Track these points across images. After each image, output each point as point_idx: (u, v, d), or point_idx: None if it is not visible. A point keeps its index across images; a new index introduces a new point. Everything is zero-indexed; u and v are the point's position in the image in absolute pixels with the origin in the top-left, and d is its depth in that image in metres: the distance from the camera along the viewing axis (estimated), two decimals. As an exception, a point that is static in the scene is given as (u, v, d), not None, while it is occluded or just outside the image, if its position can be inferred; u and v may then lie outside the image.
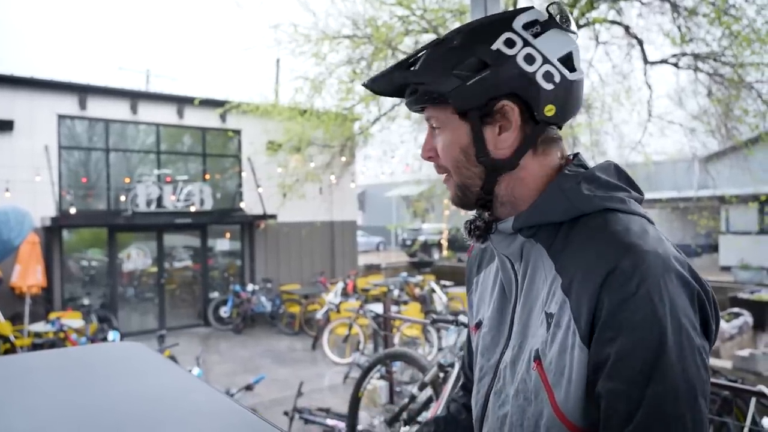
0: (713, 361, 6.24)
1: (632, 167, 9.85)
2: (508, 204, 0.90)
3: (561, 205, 0.85)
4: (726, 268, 16.03)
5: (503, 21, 0.86)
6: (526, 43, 0.84)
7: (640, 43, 8.68)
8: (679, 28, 8.06)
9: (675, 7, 7.99)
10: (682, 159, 13.89)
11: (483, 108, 0.86)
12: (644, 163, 9.92)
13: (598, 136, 10.04)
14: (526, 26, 0.85)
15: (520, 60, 0.84)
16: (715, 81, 8.49)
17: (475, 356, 1.01)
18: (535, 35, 0.85)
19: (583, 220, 0.83)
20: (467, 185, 0.91)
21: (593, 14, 8.49)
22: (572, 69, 0.86)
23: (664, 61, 8.74)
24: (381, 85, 0.94)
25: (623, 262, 0.74)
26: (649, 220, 0.85)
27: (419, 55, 0.89)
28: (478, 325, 1.03)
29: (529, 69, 0.84)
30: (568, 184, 0.85)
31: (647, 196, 0.95)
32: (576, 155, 0.93)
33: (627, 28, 8.63)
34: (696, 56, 8.31)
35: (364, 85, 0.96)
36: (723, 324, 7.71)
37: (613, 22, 8.69)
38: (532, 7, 0.88)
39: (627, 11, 8.81)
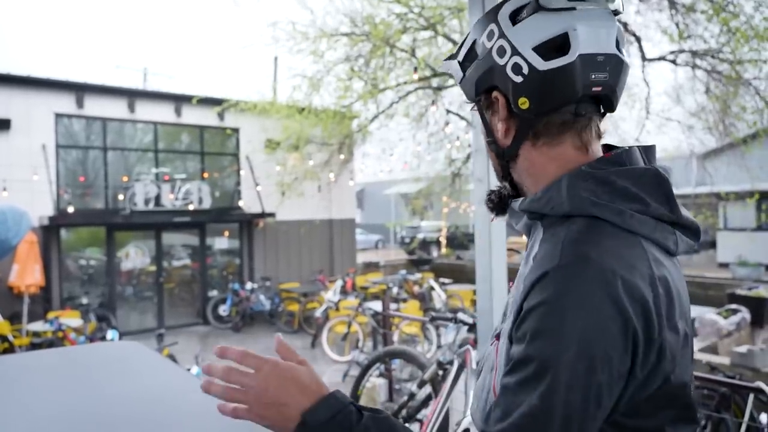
0: (711, 357, 6.25)
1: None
2: (523, 190, 0.92)
3: (555, 200, 0.83)
4: (724, 265, 16.07)
5: (493, 11, 0.85)
6: (501, 35, 0.82)
7: (638, 40, 8.68)
8: (677, 24, 8.05)
9: (673, 4, 7.98)
10: (680, 156, 13.89)
11: (484, 98, 0.89)
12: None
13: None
14: (513, 14, 0.82)
15: (494, 53, 0.83)
16: (713, 78, 8.49)
17: None
18: (515, 23, 0.82)
19: (572, 220, 0.80)
20: (494, 168, 0.96)
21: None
22: (554, 55, 0.79)
23: (662, 58, 8.74)
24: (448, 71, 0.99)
25: (557, 269, 0.72)
26: (656, 243, 0.79)
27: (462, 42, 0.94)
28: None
29: (500, 62, 0.82)
30: (571, 182, 0.81)
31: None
32: (620, 153, 0.86)
33: (625, 25, 8.62)
34: (694, 53, 8.30)
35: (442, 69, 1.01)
36: (720, 320, 7.73)
37: (611, 19, 8.68)
38: None
39: (625, 8, 8.81)
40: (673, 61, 8.62)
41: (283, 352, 0.86)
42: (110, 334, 7.66)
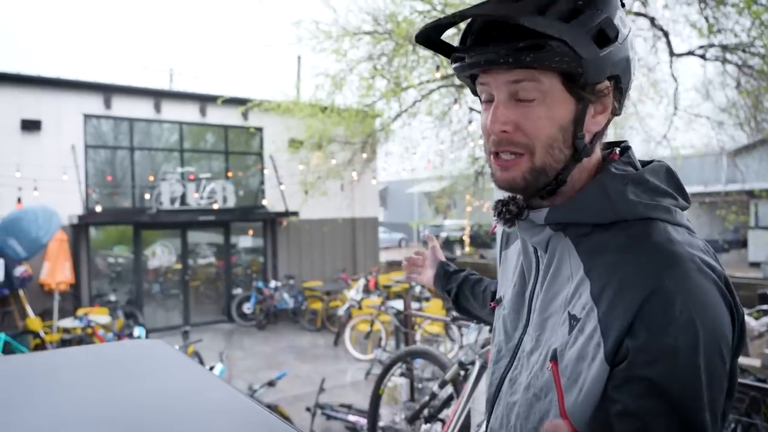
0: (741, 359, 6.10)
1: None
2: (558, 195, 0.85)
3: (601, 207, 0.78)
4: (755, 264, 15.69)
5: None
6: (625, 26, 0.80)
7: (666, 35, 8.50)
8: (706, 18, 7.87)
9: (702, -3, 7.81)
10: (710, 153, 13.59)
11: (598, 85, 0.78)
12: (672, 157, 9.73)
13: (622, 131, 9.88)
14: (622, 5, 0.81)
15: (629, 43, 0.80)
16: (744, 72, 8.28)
17: (494, 333, 0.99)
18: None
19: (621, 225, 0.77)
20: (546, 169, 0.80)
21: (618, 6, 8.33)
22: None
23: (690, 53, 8.55)
24: (482, 16, 0.77)
25: (666, 282, 0.69)
26: (690, 231, 0.80)
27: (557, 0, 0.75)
28: (498, 301, 1.01)
29: (632, 55, 0.81)
30: (614, 185, 0.79)
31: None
32: (625, 150, 0.87)
33: (652, 20, 8.46)
34: (724, 47, 8.10)
35: (458, 14, 0.76)
36: (752, 321, 7.54)
37: (638, 14, 8.53)
38: None
39: (652, 2, 8.63)
40: (702, 56, 8.42)
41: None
42: (137, 331, 7.79)
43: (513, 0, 0.74)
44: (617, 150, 0.88)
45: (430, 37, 0.84)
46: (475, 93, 0.87)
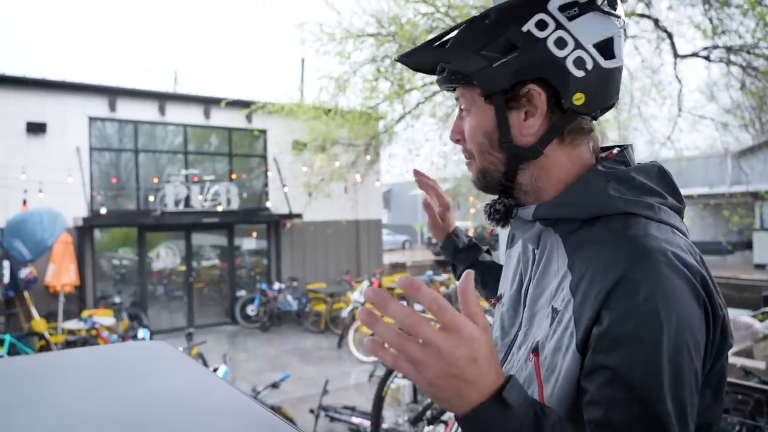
0: (745, 362, 6.08)
1: (663, 163, 9.61)
2: (531, 193, 0.88)
3: (582, 202, 0.81)
4: (760, 266, 15.62)
5: (538, 1, 0.81)
6: (559, 26, 0.80)
7: (670, 36, 8.49)
8: (710, 20, 7.86)
9: (706, -1, 7.79)
10: (714, 154, 13.55)
11: (509, 91, 0.83)
12: (676, 158, 9.71)
13: (626, 132, 9.86)
14: (563, 8, 0.81)
15: (550, 43, 0.80)
16: (749, 74, 8.25)
17: (494, 330, 0.99)
18: (571, 18, 0.80)
19: (604, 220, 0.80)
20: (489, 170, 0.88)
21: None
22: (610, 56, 0.82)
23: (695, 55, 8.53)
24: (415, 61, 0.91)
25: (634, 270, 0.70)
26: (681, 232, 0.81)
27: (453, 32, 0.86)
28: (499, 299, 1.03)
29: (560, 54, 0.80)
30: (596, 182, 0.82)
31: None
32: (622, 150, 0.89)
33: (656, 22, 8.44)
34: (728, 49, 8.08)
35: (398, 59, 0.92)
36: (756, 323, 7.51)
37: (642, 16, 8.52)
38: None
39: (656, 4, 8.61)
40: (707, 58, 8.40)
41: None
42: (141, 332, 7.82)
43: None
44: (615, 150, 0.90)
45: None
46: None
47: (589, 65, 0.80)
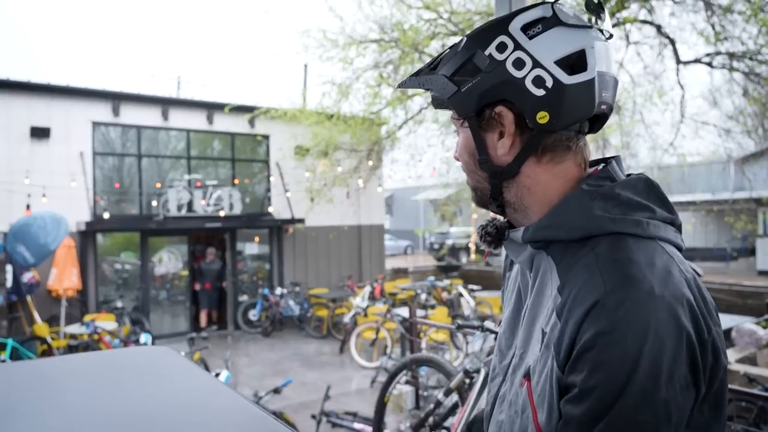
0: (749, 369, 6.05)
1: (665, 169, 9.62)
2: (520, 212, 0.88)
3: (568, 223, 0.81)
4: (764, 272, 15.57)
5: (501, 23, 0.83)
6: (517, 47, 0.80)
7: (673, 42, 8.50)
8: (713, 26, 7.87)
9: (709, 5, 7.80)
10: (717, 160, 13.53)
11: (480, 114, 0.85)
12: (679, 164, 9.70)
13: (629, 138, 9.86)
14: (526, 27, 0.81)
15: (509, 65, 0.81)
16: (751, 80, 8.26)
17: (494, 354, 1.00)
18: (532, 36, 0.81)
19: (592, 242, 0.79)
20: (477, 188, 0.92)
21: (624, 14, 8.34)
22: (577, 70, 0.80)
23: (697, 61, 8.54)
24: (410, 87, 0.95)
25: (610, 296, 0.70)
26: (672, 243, 0.80)
27: (439, 58, 0.89)
28: (500, 323, 1.04)
29: (518, 74, 0.80)
30: (580, 202, 0.81)
31: (681, 198, 0.90)
32: (606, 165, 0.88)
33: (659, 28, 8.46)
34: (731, 55, 8.09)
35: (398, 87, 0.97)
36: (760, 330, 7.48)
37: (645, 22, 8.53)
38: (541, 3, 0.83)
39: (659, 10, 8.63)
40: (709, 64, 8.41)
41: None
42: (143, 337, 7.81)
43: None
44: (599, 166, 0.89)
45: None
46: None
47: (549, 83, 0.79)
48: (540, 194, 0.86)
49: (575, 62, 0.80)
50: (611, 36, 0.85)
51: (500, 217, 0.94)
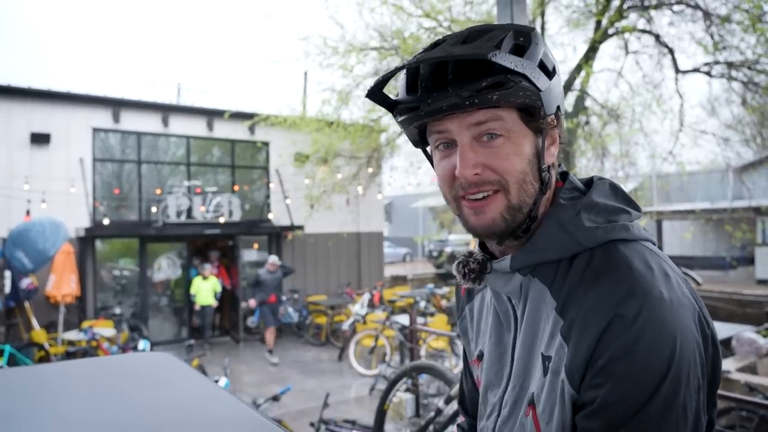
0: (749, 378, 6.04)
1: (664, 178, 9.62)
2: (526, 234, 0.83)
3: (561, 241, 0.78)
4: (763, 281, 15.56)
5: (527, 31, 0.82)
6: (554, 59, 0.82)
7: (671, 51, 8.54)
8: (711, 36, 7.91)
9: (707, 15, 7.85)
10: (716, 169, 13.55)
11: (549, 117, 0.79)
12: (678, 173, 9.71)
13: (628, 147, 9.88)
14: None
15: (558, 75, 0.81)
16: (750, 89, 8.29)
17: (481, 390, 0.96)
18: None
19: (584, 255, 0.77)
20: (522, 205, 0.78)
21: (623, 23, 8.39)
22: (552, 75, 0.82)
23: (696, 70, 8.58)
24: (454, 57, 0.72)
25: (624, 309, 0.69)
26: (651, 242, 0.80)
27: (503, 38, 0.74)
28: (480, 356, 0.97)
29: (560, 84, 0.82)
30: (567, 216, 0.79)
31: (680, 207, 0.90)
32: (566, 177, 0.86)
33: (657, 37, 8.50)
34: (729, 64, 8.13)
35: (421, 57, 0.75)
36: (760, 339, 7.47)
37: (644, 31, 8.58)
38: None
39: (657, 20, 8.69)
40: (708, 73, 8.45)
41: None
42: (142, 344, 7.78)
43: (463, 42, 0.75)
44: (558, 178, 0.87)
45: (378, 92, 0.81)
46: (417, 145, 0.86)
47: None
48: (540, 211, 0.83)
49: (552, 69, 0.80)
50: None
51: (477, 251, 0.89)
